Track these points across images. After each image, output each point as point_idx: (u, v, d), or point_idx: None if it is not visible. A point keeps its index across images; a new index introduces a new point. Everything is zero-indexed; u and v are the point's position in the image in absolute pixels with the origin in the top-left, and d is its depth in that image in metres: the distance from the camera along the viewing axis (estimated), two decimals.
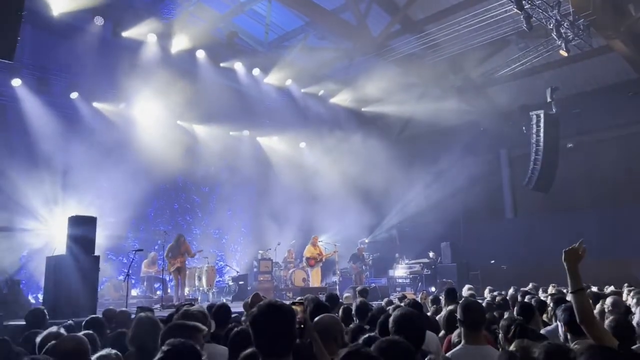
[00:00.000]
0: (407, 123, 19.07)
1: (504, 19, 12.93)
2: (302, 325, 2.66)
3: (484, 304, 6.43)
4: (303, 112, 17.13)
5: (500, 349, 3.54)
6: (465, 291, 9.36)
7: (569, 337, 3.38)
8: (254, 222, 17.89)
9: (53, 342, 3.15)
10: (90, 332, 3.96)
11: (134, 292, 13.44)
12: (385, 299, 8.87)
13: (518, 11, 11.42)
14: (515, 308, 4.70)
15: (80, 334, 3.67)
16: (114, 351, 2.97)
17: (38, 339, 3.50)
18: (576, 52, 13.45)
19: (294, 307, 2.66)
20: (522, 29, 12.32)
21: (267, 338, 2.24)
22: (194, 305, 5.43)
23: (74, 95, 13.50)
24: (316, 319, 3.38)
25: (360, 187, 16.92)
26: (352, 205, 17.10)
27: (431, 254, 16.52)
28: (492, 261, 16.81)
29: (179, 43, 13.56)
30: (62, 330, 3.74)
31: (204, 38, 13.77)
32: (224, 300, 12.98)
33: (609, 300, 5.64)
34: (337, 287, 14.94)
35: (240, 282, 14.35)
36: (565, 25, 12.23)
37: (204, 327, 2.92)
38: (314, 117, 17.16)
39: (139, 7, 13.12)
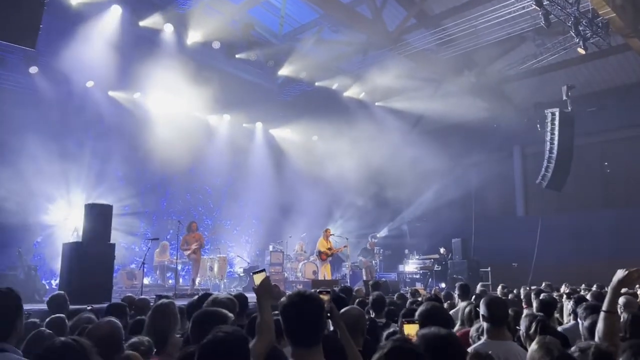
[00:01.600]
0: (420, 118, 18.99)
1: (521, 15, 12.81)
2: (329, 314, 2.70)
3: None
4: (316, 105, 17.11)
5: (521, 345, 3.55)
6: (479, 288, 9.36)
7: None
8: (265, 214, 17.95)
9: (86, 325, 3.18)
10: (114, 318, 4.01)
11: (146, 281, 13.53)
12: (397, 294, 8.91)
13: (537, 7, 11.32)
14: (535, 304, 4.68)
15: (107, 319, 3.71)
16: (146, 338, 3.01)
17: (70, 323, 3.54)
18: (594, 50, 13.32)
19: (321, 296, 2.70)
20: (539, 26, 12.21)
21: (297, 327, 2.27)
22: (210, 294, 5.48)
23: (89, 84, 13.59)
24: (343, 310, 3.41)
25: (372, 181, 16.94)
26: (364, 200, 17.11)
27: (442, 250, 16.50)
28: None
29: (195, 34, 13.59)
30: (92, 315, 3.79)
31: (220, 29, 13.77)
32: (236, 290, 13.12)
33: (621, 300, 5.61)
34: (348, 280, 14.98)
35: (251, 273, 14.42)
36: (583, 22, 12.10)
37: (231, 315, 2.96)
38: (327, 110, 17.12)
39: None
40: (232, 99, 15.32)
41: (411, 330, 2.69)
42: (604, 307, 2.92)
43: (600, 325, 2.86)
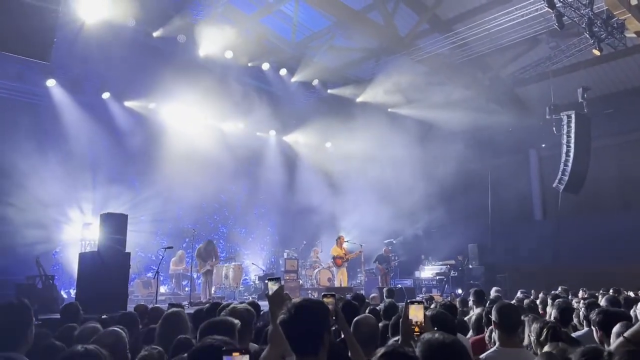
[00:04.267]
0: (434, 122, 18.90)
1: (534, 17, 12.73)
2: (334, 317, 2.68)
3: None
4: (329, 112, 17.14)
5: (532, 352, 3.49)
6: (493, 293, 9.25)
7: (605, 341, 3.31)
8: (280, 221, 17.99)
9: (92, 336, 3.21)
10: (121, 327, 4.03)
11: (162, 289, 13.62)
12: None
13: (549, 9, 11.22)
14: (554, 310, 4.59)
15: (112, 328, 3.74)
16: (157, 348, 3.02)
17: (76, 333, 3.57)
18: (609, 51, 13.16)
19: (325, 299, 2.70)
20: (553, 28, 12.10)
21: (295, 336, 2.25)
22: (221, 303, 5.49)
23: (105, 95, 13.79)
24: (358, 317, 3.39)
25: (387, 186, 16.83)
26: (379, 205, 17.01)
27: (459, 257, 16.38)
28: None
29: (208, 43, 13.70)
30: (98, 325, 3.82)
31: (233, 38, 13.87)
32: (250, 298, 13.13)
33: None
34: (363, 287, 14.91)
35: (266, 281, 14.41)
36: (598, 23, 11.96)
37: (237, 322, 2.95)
38: (340, 116, 17.13)
39: (170, 8, 13.29)
40: (246, 107, 15.41)
41: (416, 312, 2.65)
42: (627, 333, 2.79)
43: (612, 346, 2.76)
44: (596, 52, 12.52)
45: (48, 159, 12.35)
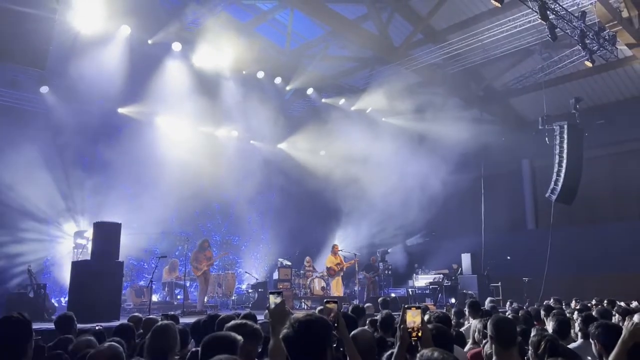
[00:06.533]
0: (428, 132, 18.98)
1: (527, 29, 12.87)
2: (335, 324, 2.69)
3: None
4: (323, 120, 17.16)
5: None
6: (487, 304, 9.26)
7: (604, 354, 3.31)
8: (273, 230, 17.94)
9: (88, 350, 3.19)
10: (118, 339, 4.00)
11: (154, 298, 13.51)
12: None
13: (542, 21, 11.34)
14: (552, 323, 4.60)
15: (109, 343, 3.71)
16: None
17: (70, 347, 3.54)
18: (601, 62, 13.31)
19: (327, 305, 2.71)
20: (546, 39, 12.23)
21: (299, 355, 2.22)
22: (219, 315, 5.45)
23: (99, 102, 13.71)
24: (354, 332, 3.38)
25: (381, 195, 16.86)
26: (372, 214, 17.05)
27: (454, 266, 16.41)
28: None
29: (203, 51, 13.71)
30: (92, 338, 3.80)
31: (227, 47, 13.89)
32: (243, 308, 13.06)
33: (636, 317, 5.52)
34: (357, 296, 14.89)
35: (260, 290, 14.36)
36: (590, 35, 12.11)
37: (239, 338, 2.92)
38: (334, 125, 17.17)
39: (164, 16, 13.30)
40: (240, 115, 15.41)
41: (414, 317, 2.65)
42: (610, 358, 2.83)
43: None
44: (588, 64, 12.66)
45: (41, 165, 12.28)
